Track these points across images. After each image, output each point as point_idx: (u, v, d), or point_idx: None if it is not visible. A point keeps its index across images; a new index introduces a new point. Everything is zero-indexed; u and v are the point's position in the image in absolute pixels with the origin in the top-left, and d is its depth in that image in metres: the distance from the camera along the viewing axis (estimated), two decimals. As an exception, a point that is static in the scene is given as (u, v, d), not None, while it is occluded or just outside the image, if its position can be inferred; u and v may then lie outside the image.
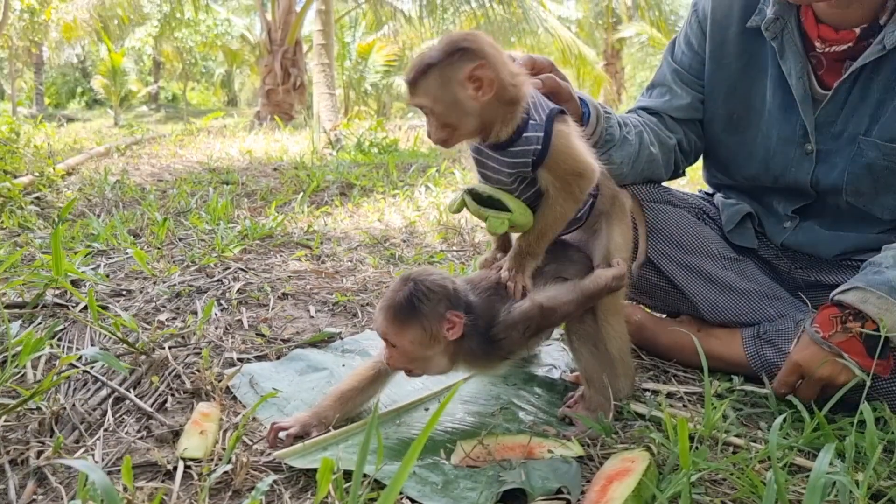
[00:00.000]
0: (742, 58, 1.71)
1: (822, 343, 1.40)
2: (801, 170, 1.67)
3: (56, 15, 15.08)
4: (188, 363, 1.63)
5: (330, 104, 9.60)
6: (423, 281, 1.26)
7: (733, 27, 1.70)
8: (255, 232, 3.06)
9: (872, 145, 1.55)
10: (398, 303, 1.24)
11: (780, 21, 1.60)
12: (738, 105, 1.75)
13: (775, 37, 1.61)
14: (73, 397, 1.43)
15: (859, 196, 1.63)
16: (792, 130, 1.66)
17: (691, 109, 1.82)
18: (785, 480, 1.14)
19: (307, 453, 1.23)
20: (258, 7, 14.90)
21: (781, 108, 1.66)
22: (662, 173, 1.83)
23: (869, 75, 1.53)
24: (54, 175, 4.58)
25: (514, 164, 1.30)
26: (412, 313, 1.23)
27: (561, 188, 1.32)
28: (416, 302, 1.23)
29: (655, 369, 1.79)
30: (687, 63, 1.82)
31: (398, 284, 1.27)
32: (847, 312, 1.41)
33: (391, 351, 1.28)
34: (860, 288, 1.41)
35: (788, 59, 1.61)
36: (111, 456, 1.23)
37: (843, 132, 1.60)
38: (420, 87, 1.24)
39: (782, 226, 1.79)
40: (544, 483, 1.13)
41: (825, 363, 1.39)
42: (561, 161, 1.30)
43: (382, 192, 4.58)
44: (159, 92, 30.48)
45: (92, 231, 2.93)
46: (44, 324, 1.84)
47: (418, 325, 1.24)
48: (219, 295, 2.16)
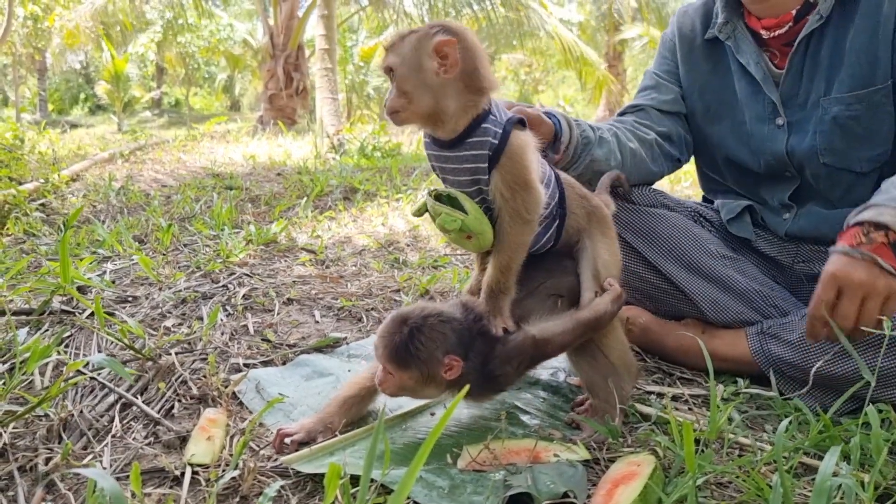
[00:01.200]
0: (709, 62, 1.91)
1: (854, 251, 1.39)
2: (777, 142, 1.78)
3: (59, 21, 15.13)
4: (195, 369, 1.64)
5: (332, 109, 9.61)
6: (422, 326, 1.25)
7: (697, 38, 1.93)
8: (260, 237, 3.07)
9: (834, 101, 1.68)
10: (397, 346, 1.24)
11: (731, 23, 1.82)
12: (712, 99, 1.92)
13: (728, 37, 1.83)
14: (80, 404, 1.44)
15: (834, 154, 1.71)
16: (762, 109, 1.80)
17: (676, 104, 1.98)
18: (791, 483, 1.14)
19: (314, 458, 1.23)
20: (260, 12, 14.94)
21: (749, 94, 1.82)
22: (651, 166, 1.90)
23: (816, 45, 1.69)
24: (59, 181, 4.60)
25: (472, 159, 1.27)
26: (410, 359, 1.24)
27: (510, 201, 1.27)
28: (414, 349, 1.23)
29: (661, 372, 1.80)
30: (666, 69, 2.02)
31: (395, 325, 1.26)
32: (868, 225, 1.41)
33: (387, 377, 1.28)
34: (874, 205, 1.43)
35: (744, 51, 1.81)
36: (119, 462, 1.23)
37: (806, 101, 1.73)
38: (395, 49, 1.26)
39: (782, 217, 1.85)
40: (550, 487, 1.13)
41: (860, 268, 1.36)
42: (514, 164, 1.27)
43: (386, 196, 4.59)
44: (162, 97, 30.52)
45: (97, 237, 2.95)
46: (51, 331, 1.85)
47: (416, 369, 1.25)
48: (224, 301, 2.17)
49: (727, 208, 1.95)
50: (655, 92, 1.99)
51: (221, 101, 35.52)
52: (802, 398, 1.54)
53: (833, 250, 1.43)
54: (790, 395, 1.58)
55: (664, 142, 1.93)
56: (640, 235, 1.79)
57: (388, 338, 1.25)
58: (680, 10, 2.03)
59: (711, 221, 1.98)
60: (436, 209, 1.33)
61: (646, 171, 1.89)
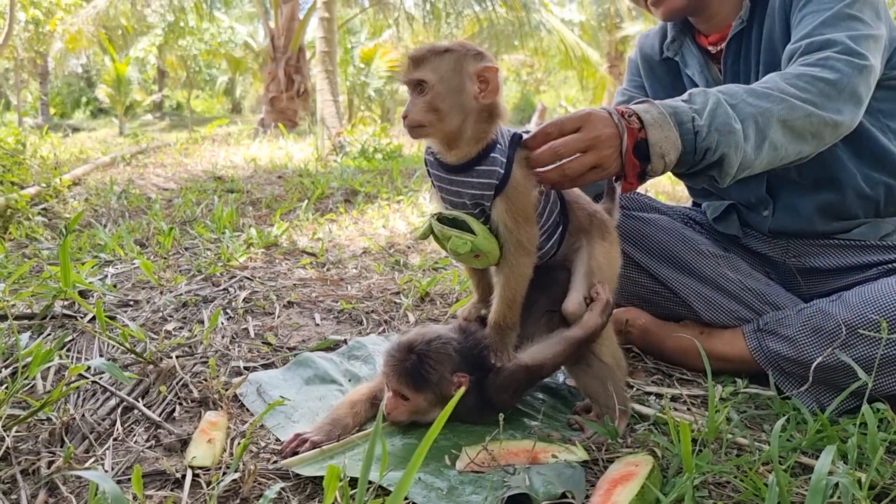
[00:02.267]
0: (668, 77, 2.02)
1: (615, 114, 1.34)
2: None
3: (61, 26, 15.18)
4: (195, 372, 1.65)
5: (333, 111, 9.63)
6: (429, 350, 1.32)
7: (656, 59, 2.04)
8: (261, 240, 3.08)
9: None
10: (411, 371, 1.31)
11: (678, 41, 1.94)
12: None
13: (676, 53, 1.95)
14: (82, 407, 1.45)
15: None
16: None
17: None
18: (788, 482, 1.15)
19: (314, 461, 1.24)
20: (261, 15, 14.99)
21: None
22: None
23: (746, 46, 1.79)
24: (61, 186, 4.61)
25: (479, 186, 1.29)
26: (425, 382, 1.32)
27: (514, 232, 1.30)
28: (426, 373, 1.31)
29: (660, 373, 1.80)
30: (635, 84, 2.12)
31: (402, 352, 1.33)
32: (631, 114, 1.37)
33: (398, 404, 1.34)
34: (651, 102, 1.40)
35: (690, 64, 1.92)
36: (121, 465, 1.24)
37: None
38: (430, 63, 1.25)
39: (762, 215, 1.88)
40: (548, 488, 1.14)
41: (609, 128, 1.31)
42: (516, 195, 1.30)
43: (387, 198, 4.60)
44: (164, 100, 30.60)
45: (99, 241, 2.96)
46: (53, 335, 1.86)
47: (430, 391, 1.33)
48: (225, 304, 2.18)
49: (712, 208, 2.00)
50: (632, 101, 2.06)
51: (223, 104, 35.57)
52: (801, 397, 1.55)
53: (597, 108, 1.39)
54: (789, 393, 1.59)
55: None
56: (631, 240, 1.81)
57: (399, 365, 1.32)
58: (642, 35, 2.16)
59: (701, 223, 2.04)
60: (444, 233, 1.34)
61: None
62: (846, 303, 1.56)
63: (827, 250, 1.80)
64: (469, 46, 1.28)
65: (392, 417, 1.35)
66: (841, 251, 1.78)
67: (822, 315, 1.58)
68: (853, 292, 1.59)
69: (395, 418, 1.35)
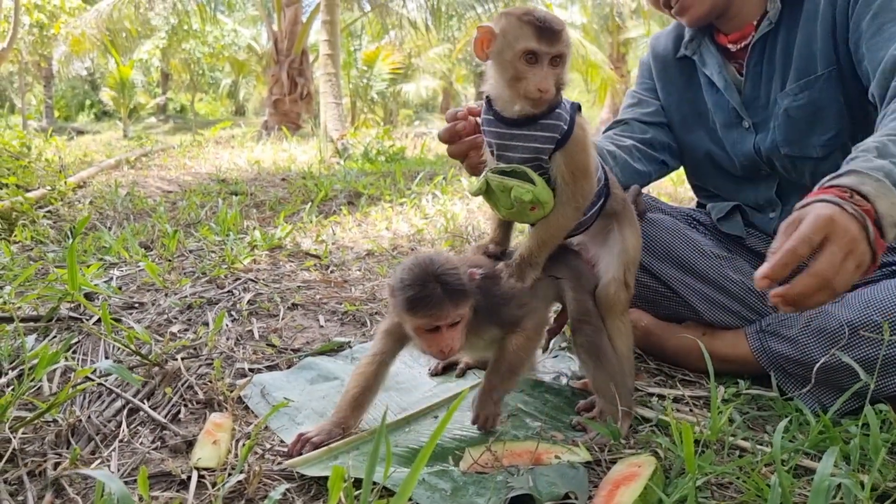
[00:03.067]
0: (681, 78, 2.02)
1: (846, 204, 1.18)
2: (746, 143, 1.88)
3: (65, 29, 15.24)
4: (200, 374, 1.66)
5: (336, 113, 9.65)
6: (442, 268, 1.28)
7: (670, 58, 2.05)
8: (265, 243, 3.09)
9: (784, 94, 1.77)
10: (448, 295, 1.26)
11: (696, 40, 1.94)
12: (687, 110, 2.03)
13: (695, 52, 1.94)
14: (88, 409, 1.46)
15: (791, 144, 1.78)
16: (728, 115, 1.90)
17: (657, 115, 2.08)
18: (790, 483, 1.15)
19: (319, 461, 1.25)
20: (264, 18, 15.02)
21: (715, 103, 1.93)
22: (635, 164, 1.95)
23: (771, 49, 1.79)
24: (66, 189, 4.63)
25: (541, 139, 1.34)
26: (463, 291, 1.28)
27: (570, 183, 1.36)
28: (458, 283, 1.28)
29: (662, 374, 1.81)
30: (646, 86, 2.14)
31: (426, 287, 1.26)
32: (851, 191, 1.23)
33: (453, 333, 1.30)
34: (855, 171, 1.28)
35: (709, 64, 1.91)
36: (126, 467, 1.25)
37: (767, 101, 1.83)
38: (564, 37, 1.30)
39: (768, 216, 1.91)
40: (552, 489, 1.15)
41: (853, 223, 1.15)
42: (577, 150, 1.36)
43: (390, 200, 4.61)
44: (167, 103, 30.69)
45: (104, 244, 2.97)
46: (59, 337, 1.87)
47: (470, 296, 1.30)
48: (229, 306, 2.19)
49: (717, 208, 2.02)
50: (638, 107, 2.11)
51: (226, 107, 35.65)
52: (803, 398, 1.55)
53: (819, 198, 1.22)
54: (791, 394, 1.59)
55: (645, 147, 2.01)
56: None
57: (434, 297, 1.26)
58: (654, 36, 2.17)
59: (705, 224, 2.05)
60: (506, 183, 1.36)
61: (631, 169, 1.93)
62: (848, 304, 1.56)
63: None
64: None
65: (453, 353, 1.33)
66: None
67: (824, 316, 1.58)
68: (855, 294, 1.59)
69: (455, 351, 1.33)
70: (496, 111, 1.38)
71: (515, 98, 1.32)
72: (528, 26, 1.28)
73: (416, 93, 25.36)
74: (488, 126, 1.40)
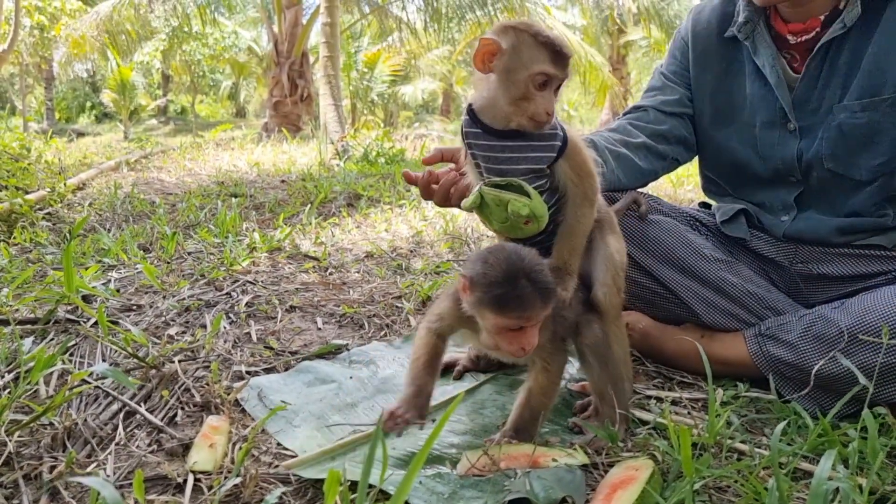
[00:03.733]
0: (722, 62, 1.90)
1: None
2: (787, 147, 1.79)
3: (65, 31, 15.25)
4: (198, 377, 1.65)
5: (336, 116, 9.65)
6: (531, 260, 1.22)
7: (712, 38, 1.91)
8: (264, 245, 3.09)
9: (842, 108, 1.69)
10: (539, 294, 1.19)
11: (750, 24, 1.80)
12: (723, 101, 1.91)
13: (747, 37, 1.81)
14: (84, 412, 1.45)
15: (837, 161, 1.73)
16: (773, 114, 1.80)
17: (681, 105, 1.99)
18: (789, 486, 1.15)
19: (315, 463, 1.25)
20: (265, 20, 15.04)
21: (761, 97, 1.82)
22: (639, 163, 1.90)
23: (835, 53, 1.69)
24: (65, 190, 4.63)
25: (541, 150, 1.34)
26: (551, 292, 1.21)
27: (579, 185, 1.37)
28: (547, 282, 1.20)
29: (661, 376, 1.80)
30: (674, 70, 2.02)
31: (507, 276, 1.19)
32: None
33: (532, 333, 1.23)
34: None
35: (761, 53, 1.79)
36: (122, 470, 1.25)
37: (819, 106, 1.74)
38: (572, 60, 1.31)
39: (780, 219, 1.86)
40: (549, 492, 1.14)
41: None
42: (577, 153, 1.36)
43: (389, 202, 4.61)
44: (168, 105, 30.71)
45: (102, 246, 2.97)
46: (56, 339, 1.87)
47: (553, 295, 1.22)
48: (227, 308, 2.19)
49: (722, 210, 1.97)
50: (660, 93, 2.01)
51: (227, 109, 35.70)
52: (801, 401, 1.54)
53: None
54: (789, 397, 1.58)
55: (657, 143, 1.93)
56: (635, 241, 1.80)
57: (528, 296, 1.18)
58: (695, 9, 2.01)
59: (707, 226, 2.01)
60: (502, 197, 1.34)
61: (636, 169, 1.89)
62: (848, 310, 1.56)
63: (836, 258, 1.79)
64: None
65: (530, 351, 1.25)
66: (850, 260, 1.77)
67: (823, 322, 1.58)
68: (856, 299, 1.59)
69: (533, 349, 1.25)
70: (484, 124, 1.35)
71: (517, 116, 1.29)
72: (545, 49, 1.26)
73: (416, 95, 25.38)
74: (475, 139, 1.37)
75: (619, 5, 19.47)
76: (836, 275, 1.78)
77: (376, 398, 1.57)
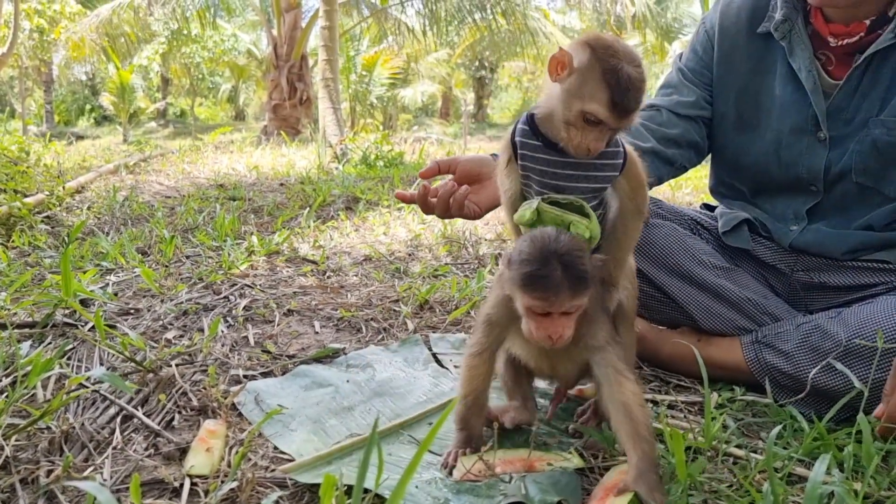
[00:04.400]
0: (750, 61, 1.81)
1: None
2: (816, 157, 1.73)
3: (65, 34, 15.27)
4: (195, 381, 1.66)
5: (335, 119, 9.67)
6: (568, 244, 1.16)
7: (742, 33, 1.81)
8: (262, 248, 3.09)
9: (880, 123, 1.63)
10: (570, 279, 1.13)
11: (788, 22, 1.71)
12: (748, 104, 1.83)
13: (784, 36, 1.72)
14: (82, 416, 1.45)
15: (868, 175, 1.68)
16: (804, 120, 1.73)
17: (696, 107, 1.90)
18: (784, 490, 1.15)
19: (313, 468, 1.25)
20: (264, 23, 15.08)
21: (792, 102, 1.74)
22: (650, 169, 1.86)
23: (880, 62, 1.61)
24: (64, 194, 4.64)
25: (606, 169, 1.25)
26: (585, 280, 1.15)
27: (633, 199, 1.30)
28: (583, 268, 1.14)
29: (657, 380, 1.81)
30: (693, 67, 1.92)
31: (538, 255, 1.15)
32: None
33: (562, 323, 1.16)
34: None
35: (797, 56, 1.70)
36: (119, 474, 1.25)
37: (854, 118, 1.67)
38: (639, 109, 1.17)
39: (789, 228, 1.82)
40: (544, 496, 1.14)
41: None
42: (636, 169, 1.30)
43: (388, 205, 4.61)
44: (167, 108, 30.73)
45: (101, 250, 2.97)
46: (53, 343, 1.87)
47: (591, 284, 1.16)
48: (225, 312, 2.19)
49: (724, 220, 1.91)
50: (676, 93, 1.93)
51: (226, 112, 35.73)
52: (798, 405, 1.55)
53: None
54: (784, 402, 1.59)
55: (666, 147, 1.87)
56: None
57: (559, 269, 1.13)
58: (724, 1, 1.89)
59: (708, 229, 1.97)
60: (564, 218, 1.25)
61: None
62: (845, 321, 1.56)
63: (840, 270, 1.77)
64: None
65: (562, 342, 1.18)
66: (854, 272, 1.75)
67: (820, 333, 1.57)
68: (852, 310, 1.59)
69: (565, 341, 1.18)
70: (546, 137, 1.24)
71: (561, 136, 1.19)
72: (607, 90, 1.11)
73: (416, 97, 25.41)
74: (532, 151, 1.26)
75: (617, 11, 19.51)
76: (837, 285, 1.76)
77: (373, 401, 1.58)
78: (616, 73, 1.10)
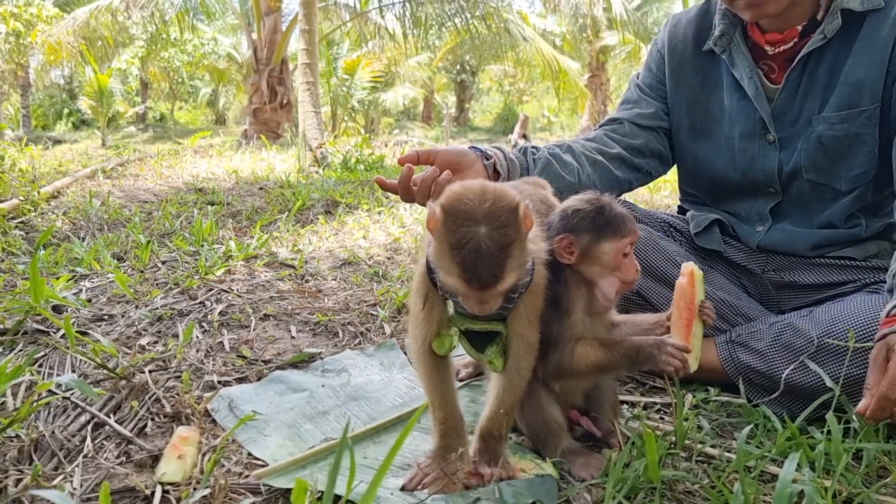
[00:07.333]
0: (699, 75, 1.91)
1: None
2: (768, 158, 1.80)
3: (41, 37, 15.08)
4: (168, 387, 1.64)
5: (315, 122, 9.61)
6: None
7: (689, 51, 1.92)
8: (240, 252, 3.07)
9: (822, 120, 1.70)
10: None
11: (726, 37, 1.81)
12: (699, 114, 1.92)
13: (724, 50, 1.82)
14: (52, 424, 1.43)
15: (818, 171, 1.74)
16: (752, 125, 1.81)
17: (656, 118, 2.00)
18: (756, 490, 1.16)
19: (286, 473, 1.25)
20: (244, 26, 14.98)
21: (739, 109, 1.83)
22: (616, 172, 1.93)
23: (815, 64, 1.70)
24: (39, 199, 4.58)
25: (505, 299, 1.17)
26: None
27: (524, 330, 1.23)
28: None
29: (633, 381, 1.81)
30: (650, 83, 2.02)
31: (602, 201, 1.31)
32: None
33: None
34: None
35: (738, 65, 1.80)
36: (90, 482, 1.23)
37: (799, 118, 1.75)
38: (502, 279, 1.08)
39: (755, 229, 1.87)
40: (518, 499, 1.14)
41: None
42: (537, 294, 1.23)
43: (367, 209, 4.60)
44: (147, 112, 30.46)
45: (75, 255, 2.94)
46: (24, 350, 1.84)
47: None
48: (200, 317, 2.17)
49: (696, 221, 1.97)
50: (636, 106, 2.01)
51: (206, 115, 35.48)
52: (771, 405, 1.56)
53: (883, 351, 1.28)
54: (759, 401, 1.60)
55: (632, 155, 1.96)
56: None
57: (616, 207, 1.32)
58: (672, 20, 2.01)
59: (681, 232, 2.02)
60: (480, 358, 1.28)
61: (611, 177, 1.91)
62: (816, 319, 1.58)
63: (808, 267, 1.81)
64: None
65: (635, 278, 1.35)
66: (822, 269, 1.79)
67: (792, 331, 1.60)
68: (824, 308, 1.61)
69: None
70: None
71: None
72: (456, 265, 1.03)
73: (397, 101, 25.40)
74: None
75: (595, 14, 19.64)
76: (807, 283, 1.80)
77: (348, 405, 1.57)
78: (463, 247, 1.02)
